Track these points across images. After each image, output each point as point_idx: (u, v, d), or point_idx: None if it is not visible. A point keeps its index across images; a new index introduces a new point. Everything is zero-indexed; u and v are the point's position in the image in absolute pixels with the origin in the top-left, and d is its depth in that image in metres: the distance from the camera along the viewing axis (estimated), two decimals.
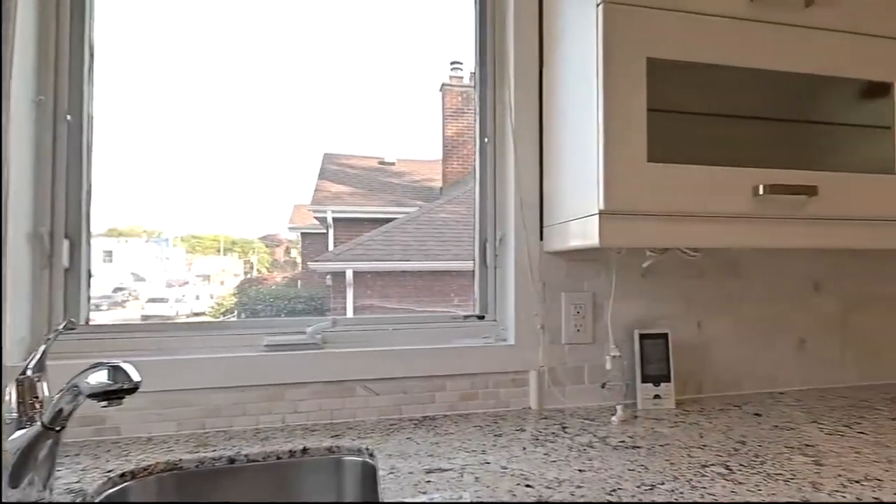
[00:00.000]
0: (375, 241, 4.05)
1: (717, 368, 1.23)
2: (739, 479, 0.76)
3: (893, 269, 1.37)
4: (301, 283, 4.42)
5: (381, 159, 5.21)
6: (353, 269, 3.71)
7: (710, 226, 0.91)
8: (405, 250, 4.25)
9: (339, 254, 3.79)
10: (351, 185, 4.77)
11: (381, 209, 4.82)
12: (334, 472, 0.85)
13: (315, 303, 3.89)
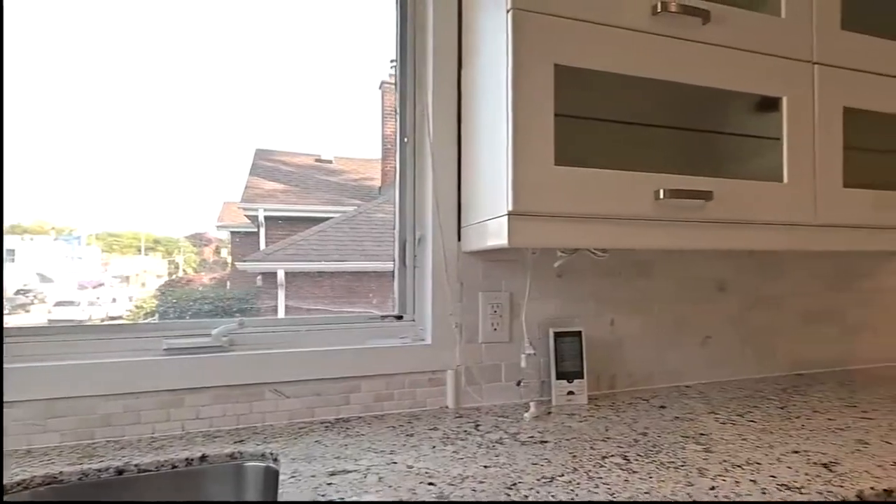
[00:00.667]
0: (309, 240, 3.96)
1: (630, 364, 1.30)
2: (634, 469, 0.81)
3: (787, 269, 1.50)
4: (231, 284, 4.25)
5: (318, 157, 5.10)
6: (286, 269, 3.61)
7: (615, 227, 0.96)
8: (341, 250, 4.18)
9: (271, 253, 3.68)
10: (285, 182, 4.63)
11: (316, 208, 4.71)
12: (235, 479, 0.83)
13: (245, 304, 3.76)
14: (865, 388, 1.34)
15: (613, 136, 1.00)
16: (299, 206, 5.10)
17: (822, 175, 1.13)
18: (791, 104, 1.10)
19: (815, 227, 1.14)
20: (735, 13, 1.04)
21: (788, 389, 1.31)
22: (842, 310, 1.58)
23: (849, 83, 1.15)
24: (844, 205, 1.15)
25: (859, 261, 1.61)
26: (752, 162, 1.14)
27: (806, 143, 1.11)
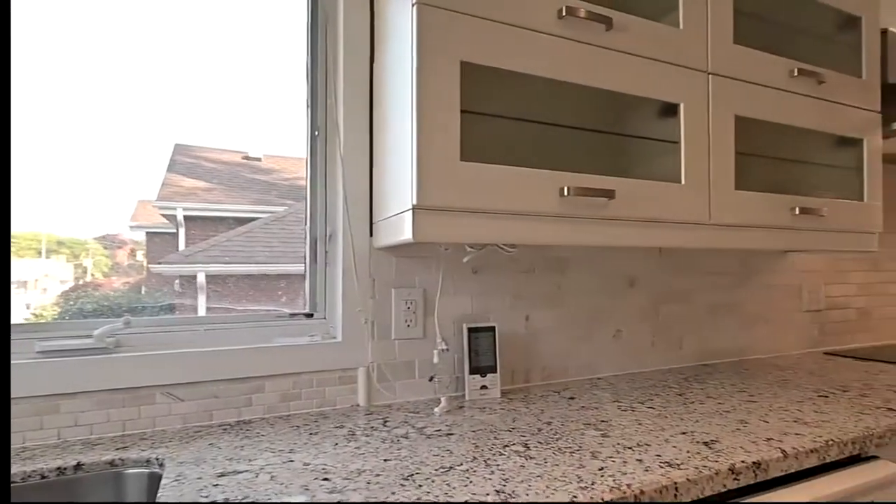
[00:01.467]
0: (234, 241, 3.82)
1: (544, 359, 1.35)
2: (532, 455, 0.85)
3: (694, 266, 1.62)
4: (146, 288, 4.03)
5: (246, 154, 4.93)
6: (206, 272, 3.47)
7: (521, 223, 1.00)
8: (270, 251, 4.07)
9: (190, 255, 3.52)
10: (208, 180, 4.44)
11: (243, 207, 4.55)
12: (114, 487, 0.79)
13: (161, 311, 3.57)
14: (756, 375, 1.47)
15: (521, 134, 1.05)
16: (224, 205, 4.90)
17: (716, 178, 1.23)
18: (688, 111, 1.19)
19: (710, 227, 1.24)
20: (636, 22, 1.12)
21: (690, 378, 1.42)
22: (741, 304, 1.72)
23: (739, 93, 1.26)
24: (736, 206, 1.26)
25: (757, 258, 1.76)
26: (654, 164, 1.22)
27: (701, 147, 1.21)
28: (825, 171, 1.49)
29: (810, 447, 0.92)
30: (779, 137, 1.41)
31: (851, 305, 2.01)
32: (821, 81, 1.40)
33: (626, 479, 0.76)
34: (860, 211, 1.50)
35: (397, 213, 0.97)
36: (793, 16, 1.42)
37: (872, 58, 1.53)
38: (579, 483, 0.74)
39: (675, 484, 0.76)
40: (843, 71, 1.47)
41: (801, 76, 1.36)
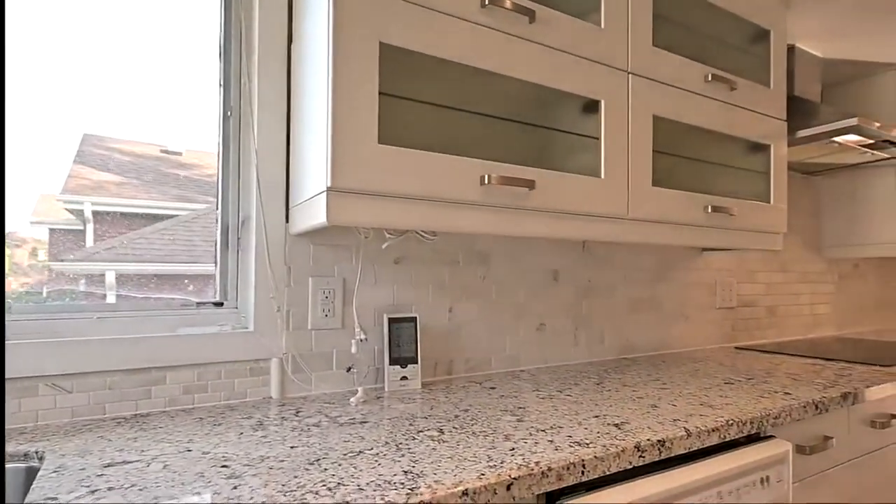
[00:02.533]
0: (149, 238, 3.63)
1: (467, 350, 1.38)
2: (445, 439, 0.87)
3: (616, 262, 1.71)
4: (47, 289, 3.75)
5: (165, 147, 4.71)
6: (117, 270, 3.27)
7: (441, 210, 1.02)
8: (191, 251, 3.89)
9: (97, 253, 3.31)
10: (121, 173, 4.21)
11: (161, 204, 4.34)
12: None
13: None
14: (672, 367, 1.57)
15: (444, 121, 1.06)
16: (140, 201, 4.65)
17: (634, 174, 1.31)
18: (608, 108, 1.26)
19: (628, 221, 1.31)
20: (559, 17, 1.17)
21: (610, 370, 1.49)
22: (660, 300, 1.83)
23: (657, 94, 1.35)
24: (653, 202, 1.34)
25: (674, 256, 1.88)
26: (576, 158, 1.28)
27: (621, 144, 1.28)
28: (736, 173, 1.62)
29: (712, 426, 0.99)
30: (694, 139, 1.51)
31: (760, 304, 2.18)
32: (733, 88, 1.53)
33: (535, 458, 0.79)
34: (767, 212, 1.63)
35: (312, 196, 0.97)
36: (709, 25, 1.53)
37: (780, 69, 1.68)
38: (489, 462, 0.76)
39: (582, 461, 0.80)
40: (754, 80, 1.61)
41: (714, 81, 1.48)
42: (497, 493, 0.71)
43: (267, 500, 0.62)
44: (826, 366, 1.61)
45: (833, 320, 2.52)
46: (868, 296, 2.71)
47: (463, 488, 0.68)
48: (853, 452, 1.34)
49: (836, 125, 1.78)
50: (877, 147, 2.02)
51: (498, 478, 0.72)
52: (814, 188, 2.45)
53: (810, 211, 2.43)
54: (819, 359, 1.73)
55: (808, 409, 1.17)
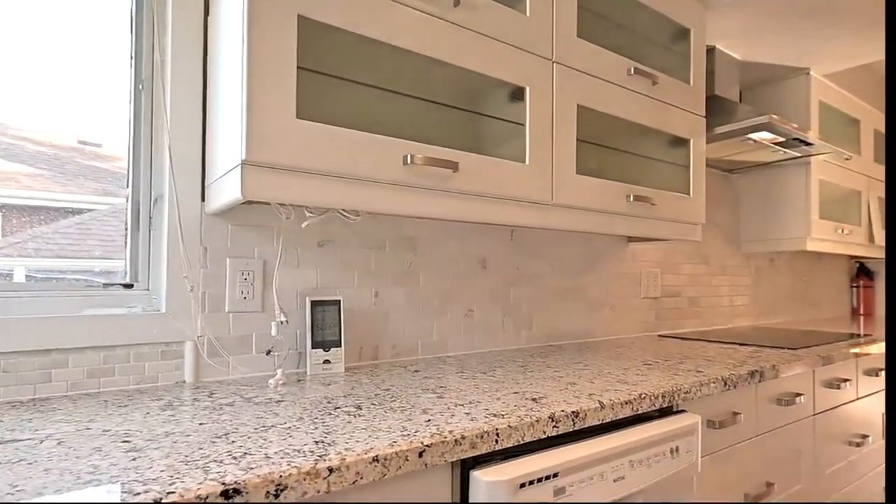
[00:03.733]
0: (62, 232, 3.43)
1: (394, 336, 1.40)
2: (362, 413, 0.89)
3: (543, 251, 1.78)
4: None
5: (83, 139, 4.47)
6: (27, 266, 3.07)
7: (362, 189, 1.04)
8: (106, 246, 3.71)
9: (4, 248, 3.10)
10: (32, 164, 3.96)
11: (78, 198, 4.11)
12: None
13: None
14: (596, 352, 1.65)
15: (369, 100, 1.09)
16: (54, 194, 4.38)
17: (558, 161, 1.37)
18: (533, 95, 1.32)
19: (552, 207, 1.38)
20: (484, 2, 1.22)
21: (535, 355, 1.55)
22: (587, 289, 1.93)
23: (581, 84, 1.43)
24: (577, 189, 1.42)
25: (601, 247, 1.98)
26: (502, 144, 1.33)
27: (545, 131, 1.35)
28: (658, 166, 1.73)
29: (625, 399, 1.06)
30: (618, 131, 1.61)
31: (683, 294, 2.34)
32: (654, 82, 1.63)
33: (449, 427, 0.82)
34: (686, 203, 1.75)
35: (227, 171, 0.96)
36: (633, 21, 1.63)
37: (699, 67, 1.81)
38: (402, 432, 0.79)
39: (496, 430, 0.85)
40: (675, 77, 1.72)
41: (637, 75, 1.58)
42: (409, 459, 0.74)
43: (166, 469, 0.62)
44: (739, 349, 1.74)
45: (751, 311, 2.72)
46: (782, 288, 2.95)
47: (374, 455, 0.71)
48: (760, 428, 1.46)
49: (750, 122, 1.94)
50: (788, 146, 2.21)
51: (410, 445, 0.75)
52: (733, 185, 2.64)
53: (730, 207, 2.61)
54: (735, 344, 1.87)
55: (717, 384, 1.27)
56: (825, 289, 3.32)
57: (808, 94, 2.47)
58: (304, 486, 0.64)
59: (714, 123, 2.04)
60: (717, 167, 2.51)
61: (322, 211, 1.20)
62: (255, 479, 0.61)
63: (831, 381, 1.76)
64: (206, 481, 0.59)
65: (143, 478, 0.60)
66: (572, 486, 0.90)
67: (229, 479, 0.60)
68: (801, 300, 3.10)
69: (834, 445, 1.78)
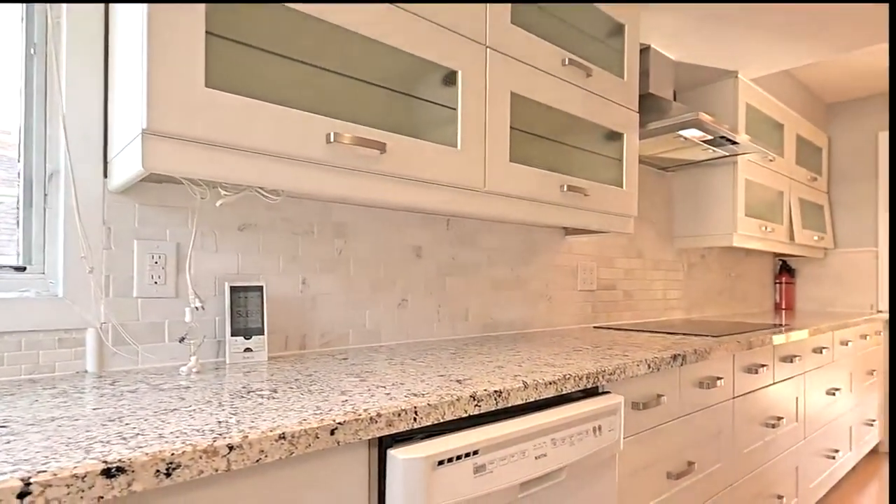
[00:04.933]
0: None
1: (324, 325, 1.38)
2: (277, 397, 0.86)
3: (480, 241, 1.80)
4: None
5: None
6: None
7: (281, 167, 1.01)
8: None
9: None
10: None
11: None
12: None
13: None
14: (531, 342, 1.68)
15: (294, 74, 1.05)
16: None
17: (491, 148, 1.39)
18: (465, 79, 1.33)
19: (485, 194, 1.39)
20: None
21: (470, 344, 1.56)
22: (525, 281, 1.96)
23: (516, 72, 1.45)
24: (510, 177, 1.44)
25: (538, 239, 2.01)
26: (435, 127, 1.32)
27: (478, 117, 1.36)
28: (592, 158, 1.77)
29: (549, 380, 1.08)
30: (554, 121, 1.64)
31: (619, 287, 2.41)
32: (588, 74, 1.68)
33: (365, 406, 0.81)
34: (620, 196, 1.81)
35: (128, 142, 0.91)
36: (568, 13, 1.67)
37: (633, 63, 1.88)
38: (315, 411, 0.77)
39: (414, 408, 0.84)
40: (609, 71, 1.78)
41: (571, 66, 1.62)
42: (319, 437, 0.72)
43: (43, 451, 0.58)
44: (667, 337, 1.81)
45: (683, 305, 2.84)
46: (712, 283, 3.09)
47: (280, 432, 0.68)
48: (683, 410, 1.52)
49: (680, 118, 2.03)
50: (716, 144, 2.32)
51: (321, 422, 0.73)
52: (667, 183, 2.75)
53: (664, 204, 2.72)
54: (664, 333, 1.94)
55: (640, 366, 1.31)
56: (751, 284, 3.52)
57: (736, 97, 2.61)
58: (199, 464, 0.61)
59: (649, 120, 2.12)
60: (651, 164, 2.61)
61: (238, 189, 1.16)
62: (142, 457, 0.58)
63: (750, 367, 1.86)
64: (86, 460, 0.55)
65: (13, 459, 0.55)
66: (493, 464, 0.90)
67: (113, 457, 0.56)
68: (730, 295, 3.26)
69: (751, 427, 1.88)
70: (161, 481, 0.59)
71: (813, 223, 3.36)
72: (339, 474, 0.78)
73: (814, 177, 3.36)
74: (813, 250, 3.49)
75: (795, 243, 3.13)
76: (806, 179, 3.29)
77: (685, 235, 2.74)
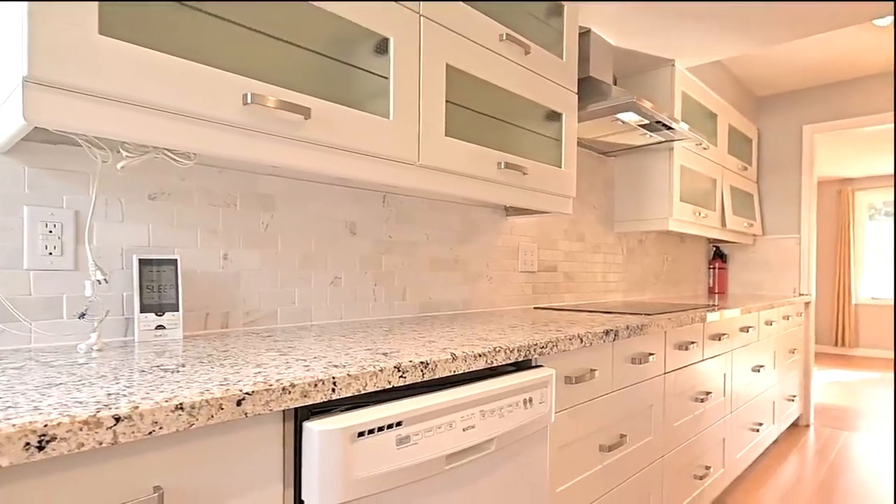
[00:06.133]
0: None
1: (249, 302, 1.31)
2: (183, 371, 0.80)
3: (418, 219, 1.76)
4: None
5: None
6: None
7: (190, 127, 0.93)
8: None
9: None
10: None
11: None
12: None
13: None
14: (469, 321, 1.67)
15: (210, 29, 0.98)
16: None
17: (426, 120, 1.35)
18: (398, 48, 1.28)
19: (419, 168, 1.35)
20: None
21: (406, 323, 1.53)
22: (465, 261, 1.94)
23: (452, 43, 1.41)
24: (446, 151, 1.41)
25: (478, 219, 2.00)
26: (366, 96, 1.27)
27: (412, 87, 1.32)
28: (532, 137, 1.77)
29: (479, 352, 1.06)
30: (493, 98, 1.62)
31: (560, 269, 2.44)
32: (527, 52, 1.66)
33: (279, 377, 0.77)
34: (558, 176, 1.82)
35: (10, 93, 0.82)
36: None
37: (572, 43, 1.88)
38: (222, 383, 0.72)
39: (332, 378, 0.80)
40: (549, 51, 1.77)
41: (509, 42, 1.60)
42: (224, 408, 0.67)
43: None
44: (603, 316, 1.84)
45: (622, 287, 2.92)
46: (649, 267, 3.19)
47: (177, 402, 0.63)
48: (616, 384, 1.55)
49: (617, 101, 2.06)
50: (653, 129, 2.38)
51: (226, 393, 0.68)
52: (608, 168, 2.80)
53: (604, 188, 2.77)
54: (602, 313, 1.98)
55: (573, 341, 1.32)
56: (686, 269, 3.65)
57: (672, 85, 2.68)
58: (79, 437, 0.56)
59: (589, 103, 2.15)
60: (593, 149, 2.65)
61: (143, 151, 1.07)
62: (8, 428, 0.51)
63: (681, 344, 1.92)
64: None
65: None
66: (417, 436, 0.88)
67: None
68: (666, 279, 3.37)
69: (682, 401, 1.95)
70: (32, 455, 0.53)
71: (743, 211, 3.52)
72: (249, 448, 0.73)
73: (744, 166, 3.51)
74: (743, 236, 3.66)
75: (727, 229, 3.27)
76: (737, 168, 3.43)
77: (625, 220, 2.81)
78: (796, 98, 3.82)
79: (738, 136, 3.50)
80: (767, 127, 3.91)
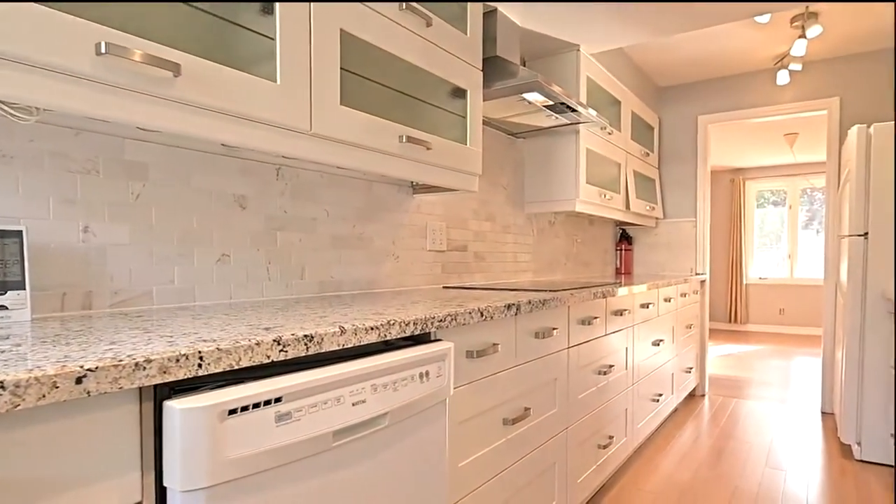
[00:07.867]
0: None
1: (117, 281, 1.19)
2: (19, 350, 0.70)
3: (317, 195, 1.69)
4: None
5: None
6: None
7: (26, 76, 0.82)
8: None
9: None
10: None
11: None
12: None
13: None
14: (373, 300, 1.62)
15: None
16: None
17: (318, 86, 1.28)
18: (285, 7, 1.21)
19: (310, 136, 1.29)
20: None
21: (302, 303, 1.46)
22: (369, 239, 1.89)
23: (345, 7, 1.35)
24: (341, 121, 1.35)
25: (384, 196, 1.96)
26: (254, 59, 1.18)
27: (302, 51, 1.24)
28: (437, 113, 1.74)
29: (371, 325, 1.02)
30: (396, 70, 1.57)
31: (470, 249, 2.45)
32: (429, 24, 1.63)
33: (133, 352, 0.69)
34: (464, 153, 1.81)
35: None
36: None
37: (476, 20, 1.87)
38: (60, 361, 0.64)
39: (199, 353, 0.73)
40: (453, 26, 1.75)
41: (409, 12, 1.56)
42: (59, 386, 0.59)
43: None
44: (509, 293, 1.87)
45: (532, 268, 2.99)
46: (559, 248, 3.29)
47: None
48: (520, 359, 1.57)
49: (521, 80, 2.08)
50: (558, 111, 2.43)
51: (61, 369, 0.60)
52: (518, 149, 2.85)
53: (514, 169, 2.82)
54: (512, 291, 2.00)
55: (473, 315, 1.31)
56: (595, 251, 3.81)
57: (577, 69, 2.76)
58: None
59: (496, 82, 2.15)
60: (501, 129, 2.68)
61: None
62: None
63: (584, 319, 1.99)
64: None
65: None
66: (300, 412, 0.83)
67: None
68: (576, 260, 3.50)
69: (585, 374, 2.02)
70: None
71: (646, 195, 3.72)
72: (98, 432, 0.66)
73: (647, 152, 3.71)
74: (646, 219, 3.86)
75: (631, 212, 3.44)
76: (640, 154, 3.61)
77: (535, 201, 2.87)
78: (693, 90, 4.07)
79: (641, 123, 3.68)
80: (668, 116, 4.15)
